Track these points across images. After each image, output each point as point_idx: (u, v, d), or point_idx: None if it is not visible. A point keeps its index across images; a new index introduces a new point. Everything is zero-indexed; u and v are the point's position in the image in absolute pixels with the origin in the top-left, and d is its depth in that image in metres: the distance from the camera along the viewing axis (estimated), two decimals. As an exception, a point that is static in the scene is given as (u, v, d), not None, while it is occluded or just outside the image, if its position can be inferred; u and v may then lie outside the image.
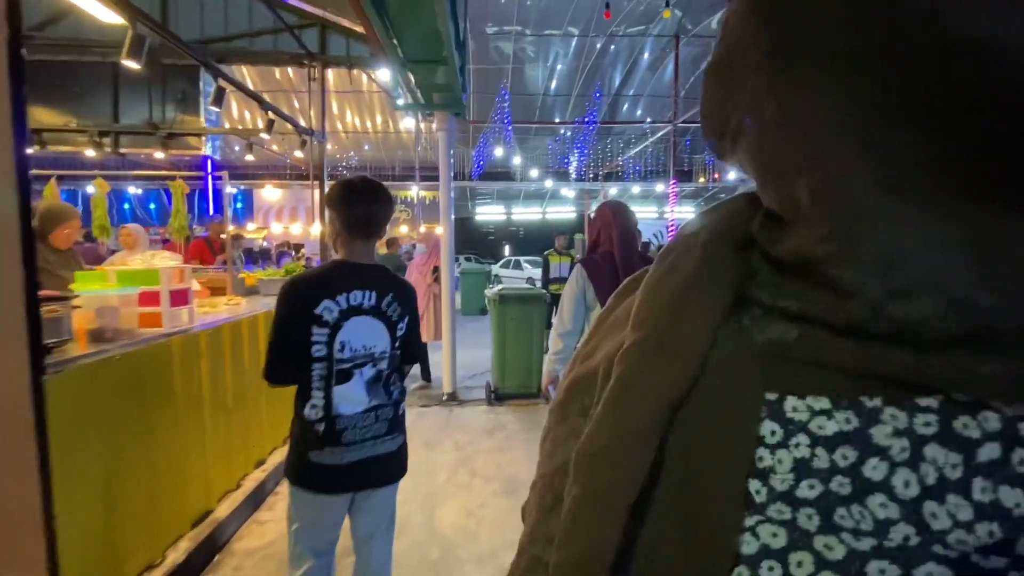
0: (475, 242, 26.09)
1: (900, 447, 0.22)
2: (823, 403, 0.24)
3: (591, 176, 16.88)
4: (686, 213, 19.55)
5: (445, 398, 5.00)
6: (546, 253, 7.55)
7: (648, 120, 10.77)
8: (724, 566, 0.25)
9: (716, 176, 14.95)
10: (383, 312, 1.59)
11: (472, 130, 13.48)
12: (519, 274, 17.69)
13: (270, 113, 3.48)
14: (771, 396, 0.25)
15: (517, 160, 14.46)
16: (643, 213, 17.93)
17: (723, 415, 0.26)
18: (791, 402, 0.25)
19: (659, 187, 15.17)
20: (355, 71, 4.98)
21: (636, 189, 16.41)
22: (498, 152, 12.69)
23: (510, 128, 10.96)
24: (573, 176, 15.28)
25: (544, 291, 5.05)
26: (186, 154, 4.56)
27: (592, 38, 10.98)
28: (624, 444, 0.28)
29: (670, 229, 9.71)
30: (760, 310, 0.27)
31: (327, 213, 1.60)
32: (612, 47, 11.74)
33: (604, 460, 0.28)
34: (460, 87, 4.47)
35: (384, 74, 5.08)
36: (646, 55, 11.67)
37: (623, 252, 2.27)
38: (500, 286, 5.22)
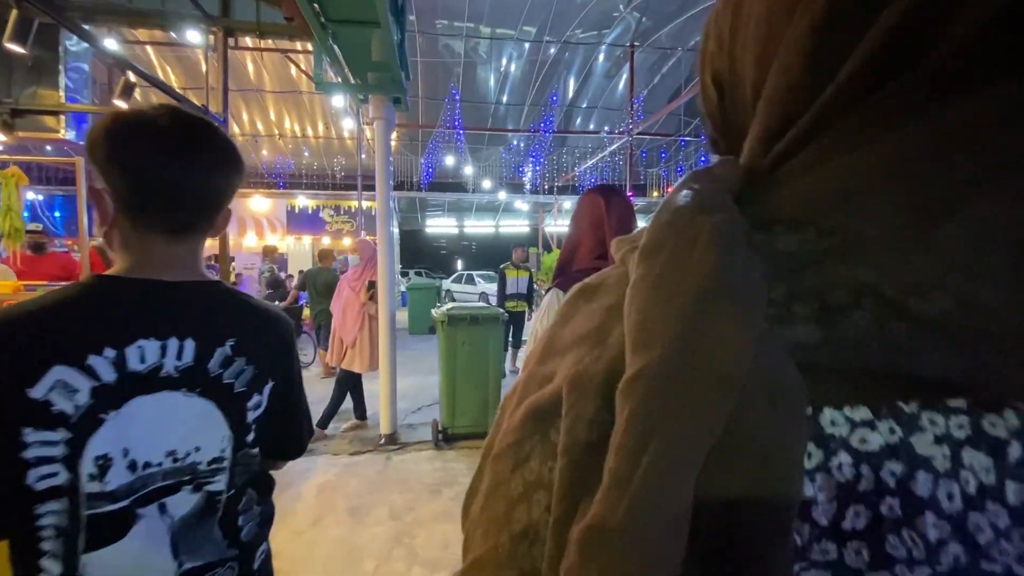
0: (425, 256, 25.06)
1: (942, 455, 0.20)
2: (863, 413, 0.21)
3: (545, 188, 16.45)
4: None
5: (382, 441, 4.14)
6: (503, 267, 6.86)
7: (605, 129, 10.36)
8: None
9: (669, 190, 14.80)
10: (214, 380, 0.80)
11: (421, 135, 12.69)
12: (472, 289, 16.96)
13: (131, 74, 2.58)
14: (806, 411, 0.21)
15: (469, 170, 13.74)
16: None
17: (763, 445, 0.20)
18: (828, 415, 0.21)
19: (614, 200, 14.91)
20: (295, 71, 4.14)
21: (590, 202, 16.09)
22: (449, 161, 11.93)
23: (461, 133, 10.24)
24: (528, 187, 14.74)
25: (500, 310, 4.31)
26: (37, 138, 3.52)
27: (546, 43, 10.52)
28: (659, 521, 0.19)
29: None
30: (774, 310, 0.22)
31: (91, 175, 0.79)
32: (566, 55, 11.34)
33: (632, 544, 0.19)
34: (400, 66, 3.71)
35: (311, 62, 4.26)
36: (600, 59, 11.34)
37: None
38: (449, 305, 4.44)
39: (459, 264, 24.49)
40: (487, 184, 14.74)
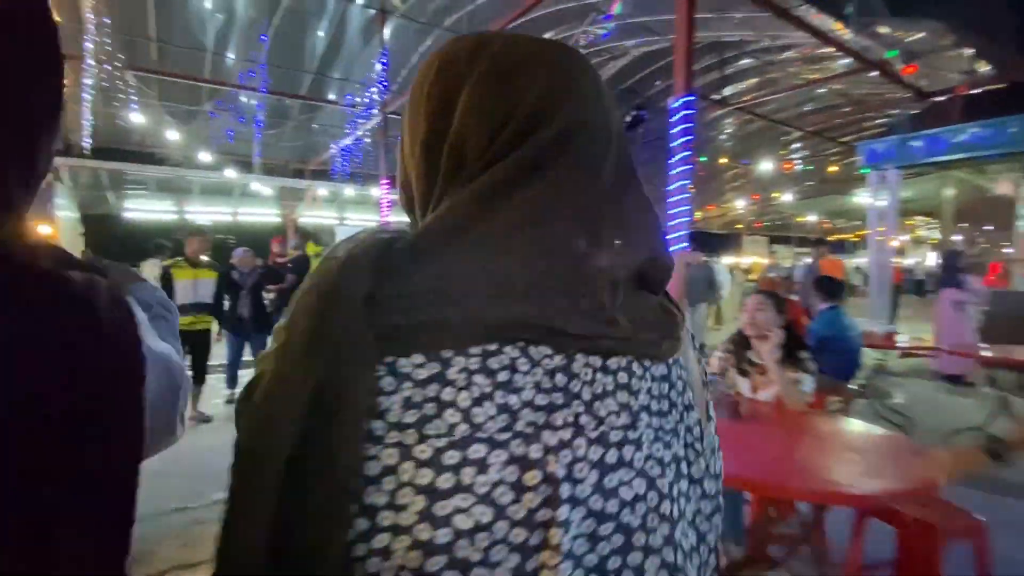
0: (133, 251, 19.01)
1: (463, 380, 0.36)
2: (419, 359, 0.36)
3: (293, 171, 13.84)
4: (404, 221, 18.06)
5: None
6: (167, 264, 4.60)
7: (347, 97, 8.62)
8: (356, 483, 0.34)
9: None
10: None
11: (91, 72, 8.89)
12: (194, 293, 13.18)
13: None
14: (389, 360, 0.36)
15: (175, 135, 10.27)
16: (361, 221, 15.67)
17: (353, 384, 0.35)
18: (402, 362, 0.36)
19: (375, 191, 13.20)
20: None
21: (350, 191, 14.03)
22: (136, 119, 8.53)
23: (112, 72, 7.14)
24: (259, 165, 11.94)
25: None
26: None
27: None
28: (285, 404, 0.35)
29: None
30: (382, 307, 0.37)
31: None
32: (310, 5, 9.22)
33: (267, 412, 0.36)
34: None
35: None
36: (353, 17, 9.55)
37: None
38: None
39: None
40: (206, 157, 11.37)
